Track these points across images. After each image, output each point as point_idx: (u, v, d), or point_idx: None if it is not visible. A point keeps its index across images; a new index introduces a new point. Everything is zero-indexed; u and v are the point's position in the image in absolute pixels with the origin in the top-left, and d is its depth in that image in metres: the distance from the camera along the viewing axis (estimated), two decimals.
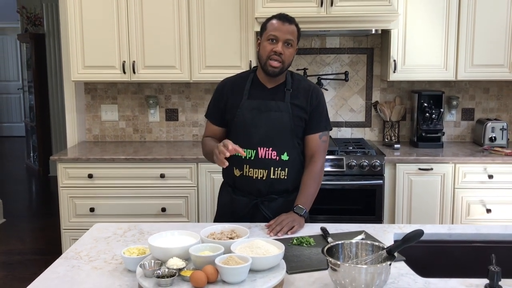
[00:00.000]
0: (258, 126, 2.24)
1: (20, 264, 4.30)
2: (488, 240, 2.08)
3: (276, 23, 2.20)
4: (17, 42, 9.28)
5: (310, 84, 2.36)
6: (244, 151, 2.16)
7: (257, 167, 2.24)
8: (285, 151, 2.25)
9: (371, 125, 4.08)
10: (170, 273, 1.53)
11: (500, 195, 3.45)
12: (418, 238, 1.54)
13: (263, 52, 2.23)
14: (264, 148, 2.24)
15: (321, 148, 2.33)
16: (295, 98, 2.27)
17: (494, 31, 3.59)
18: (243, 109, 2.27)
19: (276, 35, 2.19)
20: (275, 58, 2.19)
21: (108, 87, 4.11)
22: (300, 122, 2.28)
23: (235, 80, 2.37)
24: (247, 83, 2.31)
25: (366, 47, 4.00)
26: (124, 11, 3.66)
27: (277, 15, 2.25)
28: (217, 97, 2.38)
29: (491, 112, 4.03)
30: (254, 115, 2.25)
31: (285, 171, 2.26)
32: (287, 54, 2.21)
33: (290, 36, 2.20)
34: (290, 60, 2.24)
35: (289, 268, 1.70)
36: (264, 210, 2.27)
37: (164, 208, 3.52)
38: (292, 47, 2.22)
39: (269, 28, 2.22)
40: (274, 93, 2.28)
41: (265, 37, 2.22)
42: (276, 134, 2.24)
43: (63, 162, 3.54)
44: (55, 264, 1.80)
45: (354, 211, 3.48)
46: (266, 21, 2.26)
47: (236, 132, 2.29)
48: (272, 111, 2.25)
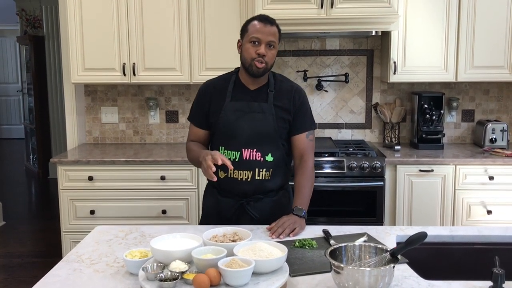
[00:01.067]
0: (242, 127, 2.25)
1: (20, 266, 4.29)
2: (490, 242, 2.07)
3: (258, 25, 2.21)
4: (16, 44, 9.27)
5: (292, 84, 2.37)
6: (228, 154, 2.23)
7: (242, 169, 2.25)
8: (269, 152, 2.26)
9: (372, 127, 4.08)
10: (173, 276, 1.53)
11: (500, 196, 3.45)
12: (421, 240, 1.54)
13: (246, 54, 2.23)
14: (249, 149, 2.25)
15: (309, 147, 2.34)
16: (278, 100, 2.29)
17: (494, 33, 3.59)
18: (226, 111, 2.27)
19: (259, 37, 2.19)
20: (259, 60, 2.20)
21: (108, 89, 4.11)
22: (284, 124, 2.29)
23: (217, 82, 2.37)
24: (230, 85, 2.32)
25: (366, 48, 4.00)
26: (124, 13, 3.65)
27: (257, 16, 2.26)
28: (199, 100, 2.38)
29: (491, 114, 4.03)
30: (238, 117, 2.26)
31: (269, 171, 2.27)
32: (270, 55, 2.22)
33: (272, 38, 2.21)
34: (272, 61, 2.26)
35: (292, 271, 1.69)
36: (251, 211, 2.28)
37: (165, 210, 3.52)
38: (274, 48, 2.24)
39: (250, 30, 2.22)
40: (257, 94, 2.30)
41: (247, 39, 2.23)
42: (260, 136, 2.25)
43: (63, 165, 3.54)
44: (57, 267, 1.79)
45: (355, 212, 3.47)
46: (246, 23, 2.27)
47: (220, 134, 2.30)
48: (255, 113, 2.26)
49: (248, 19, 2.29)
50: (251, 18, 2.28)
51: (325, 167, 3.42)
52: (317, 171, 3.42)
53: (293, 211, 2.19)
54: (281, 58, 4.02)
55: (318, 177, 3.41)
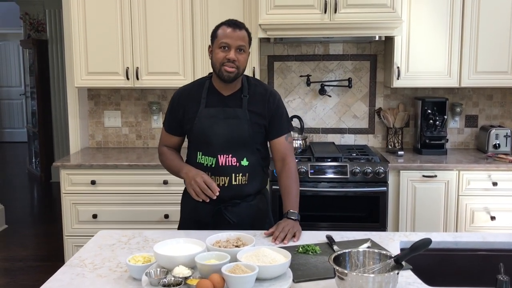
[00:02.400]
0: (217, 134, 2.25)
1: (22, 270, 4.28)
2: (494, 249, 2.06)
3: (226, 29, 2.21)
4: (19, 48, 9.28)
5: (266, 88, 2.37)
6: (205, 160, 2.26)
7: (218, 175, 2.26)
8: (244, 157, 2.27)
9: (375, 132, 4.07)
10: (176, 282, 1.52)
11: (504, 202, 3.43)
12: (426, 246, 1.53)
13: (216, 59, 2.23)
14: (224, 155, 2.25)
15: (289, 149, 2.36)
16: (252, 105, 2.29)
17: (497, 38, 3.59)
18: (201, 117, 2.27)
19: (228, 42, 2.19)
20: (229, 65, 2.19)
21: (111, 93, 4.11)
22: (259, 128, 2.30)
23: (191, 89, 2.36)
24: (203, 91, 2.31)
25: (369, 53, 4.00)
26: (128, 17, 3.66)
27: (226, 21, 2.25)
28: (174, 107, 2.37)
29: (494, 119, 4.02)
30: (212, 123, 2.26)
31: (245, 176, 2.28)
32: (240, 60, 2.21)
33: (241, 42, 2.20)
34: (244, 66, 2.25)
35: (296, 277, 1.68)
36: (228, 216, 2.28)
37: (167, 214, 3.51)
38: (245, 52, 2.23)
39: (220, 36, 2.22)
40: (231, 100, 2.29)
41: (216, 44, 2.23)
42: (235, 141, 2.25)
43: (66, 168, 3.54)
44: (60, 271, 1.79)
45: (358, 218, 3.46)
46: (215, 29, 2.27)
47: (195, 140, 2.30)
48: (230, 118, 2.26)
49: (217, 24, 2.28)
50: (220, 23, 2.27)
51: (328, 172, 3.42)
52: (320, 176, 3.42)
53: (287, 215, 2.19)
54: (284, 62, 4.02)
55: (320, 182, 3.41)
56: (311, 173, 3.40)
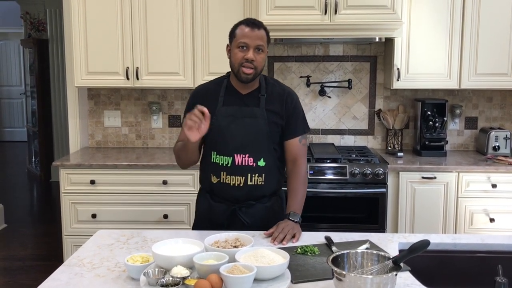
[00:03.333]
0: (233, 133, 2.24)
1: (21, 270, 4.28)
2: (493, 251, 2.06)
3: (245, 29, 2.19)
4: (20, 47, 9.29)
5: (284, 88, 2.35)
6: (220, 159, 2.23)
7: (234, 174, 2.24)
8: (261, 157, 2.25)
9: (374, 133, 4.07)
10: (174, 282, 1.52)
11: (503, 204, 3.43)
12: (424, 248, 1.53)
13: (234, 59, 2.22)
14: (241, 154, 2.23)
15: (302, 151, 2.34)
16: (270, 104, 2.27)
17: (497, 40, 3.59)
18: (218, 116, 2.25)
19: (246, 42, 2.17)
20: (248, 65, 2.18)
21: (111, 93, 4.11)
22: (276, 128, 2.28)
23: (209, 87, 2.36)
24: (221, 90, 2.30)
25: (369, 55, 4.00)
26: (128, 17, 3.66)
27: (244, 20, 2.25)
28: (191, 105, 2.28)
29: (494, 121, 4.02)
30: (230, 122, 2.25)
31: (262, 177, 2.25)
32: (258, 60, 2.19)
33: (260, 42, 2.19)
34: (262, 65, 2.23)
35: (294, 278, 1.68)
36: (242, 217, 2.27)
37: (166, 215, 3.51)
38: (263, 52, 2.21)
39: (238, 35, 2.20)
40: (248, 99, 2.28)
41: (235, 44, 2.21)
42: (252, 141, 2.24)
43: (65, 168, 3.54)
44: (58, 271, 1.79)
45: (357, 219, 3.46)
46: (234, 28, 2.25)
47: (212, 139, 2.28)
48: (247, 118, 2.25)
49: (235, 23, 2.27)
50: (239, 22, 2.26)
51: (327, 173, 3.42)
52: (319, 177, 3.42)
53: (288, 216, 2.17)
54: (284, 63, 4.02)
55: (320, 183, 3.41)
56: (311, 174, 3.40)
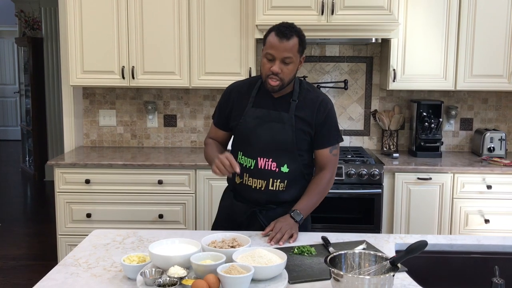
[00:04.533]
0: (259, 136, 2.21)
1: (15, 269, 4.26)
2: (489, 252, 2.07)
3: (273, 40, 2.11)
4: (14, 45, 9.26)
5: (318, 95, 2.27)
6: (244, 160, 2.21)
7: (256, 177, 2.22)
8: (285, 163, 2.21)
9: (370, 134, 4.07)
10: (171, 282, 1.52)
11: (498, 205, 3.45)
12: (422, 249, 1.53)
13: (262, 69, 2.18)
14: (264, 158, 2.21)
15: (331, 162, 2.28)
16: (300, 110, 2.21)
17: (493, 42, 3.60)
18: (246, 117, 2.24)
19: (273, 54, 2.11)
20: (273, 77, 2.13)
21: (107, 92, 4.10)
22: (303, 135, 2.22)
23: (242, 86, 2.33)
24: (254, 90, 2.27)
25: (365, 55, 4.00)
26: (124, 16, 3.65)
27: (276, 28, 2.15)
28: (223, 101, 2.35)
29: (489, 123, 4.03)
30: (257, 125, 2.22)
31: (284, 183, 2.22)
32: (286, 72, 2.13)
33: (287, 54, 2.11)
34: (290, 76, 2.16)
35: (291, 278, 1.68)
36: (262, 219, 2.24)
37: (162, 214, 3.50)
38: (292, 63, 2.14)
39: (267, 44, 2.14)
40: (279, 103, 2.23)
41: (264, 52, 2.16)
42: (276, 146, 2.20)
43: (60, 167, 3.52)
44: (53, 271, 1.78)
45: (353, 220, 3.46)
46: (267, 33, 2.18)
47: (239, 139, 2.29)
48: (274, 122, 2.21)
49: (270, 27, 2.18)
50: (272, 27, 2.17)
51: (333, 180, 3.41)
52: None
53: (291, 213, 2.15)
54: None
55: None
56: None
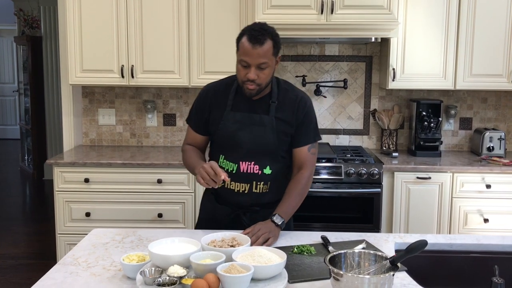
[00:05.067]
0: (240, 140, 2.17)
1: (14, 268, 4.25)
2: (488, 251, 2.07)
3: (246, 46, 2.05)
4: (13, 44, 9.24)
5: (297, 94, 2.24)
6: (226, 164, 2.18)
7: (238, 181, 2.19)
8: (267, 165, 2.19)
9: (369, 133, 4.07)
10: (171, 281, 1.51)
11: (497, 205, 3.45)
12: (422, 248, 1.53)
13: (238, 75, 2.13)
14: (246, 162, 2.17)
15: (310, 160, 2.25)
16: (280, 111, 2.18)
17: (493, 41, 3.60)
18: (226, 121, 2.19)
19: (247, 61, 2.06)
20: (250, 84, 2.09)
21: (106, 91, 4.09)
22: (285, 137, 2.20)
23: (218, 88, 2.26)
24: (231, 93, 2.21)
25: (365, 55, 4.00)
26: (124, 14, 3.64)
27: (248, 30, 2.08)
28: (200, 105, 2.27)
29: (489, 122, 4.03)
30: (237, 129, 2.17)
31: (267, 184, 2.21)
32: (262, 77, 2.09)
33: (262, 60, 2.05)
34: (267, 80, 2.12)
35: (291, 277, 1.68)
36: (246, 222, 2.22)
37: (161, 213, 3.50)
38: (268, 67, 2.09)
39: (240, 50, 2.09)
40: (258, 105, 2.19)
41: (238, 58, 2.11)
42: (258, 149, 2.17)
43: (59, 166, 3.51)
44: (53, 270, 1.78)
45: (352, 219, 3.46)
46: (239, 36, 2.11)
47: (219, 143, 2.24)
48: (255, 125, 2.17)
49: (242, 29, 2.14)
50: (244, 30, 2.12)
51: (322, 173, 3.42)
52: (314, 177, 3.37)
53: (272, 217, 2.09)
54: (280, 63, 4.00)
55: (315, 183, 3.40)
56: None
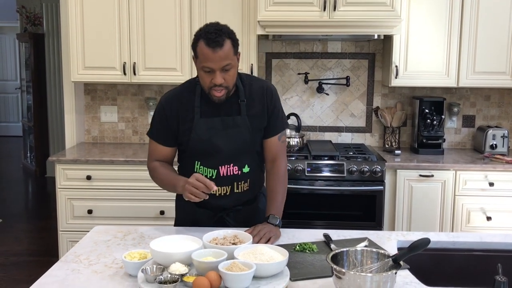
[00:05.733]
0: (217, 146, 2.10)
1: (16, 265, 4.26)
2: (491, 249, 2.06)
3: (206, 50, 1.94)
4: (16, 41, 9.24)
5: (261, 85, 2.18)
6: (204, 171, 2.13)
7: (220, 185, 2.13)
8: (245, 164, 2.16)
9: (372, 131, 4.06)
10: (173, 279, 1.51)
11: (500, 203, 3.43)
12: (424, 246, 1.52)
13: (202, 82, 2.03)
14: (226, 165, 2.13)
15: (282, 149, 2.23)
16: (251, 108, 2.13)
17: (496, 39, 3.58)
18: (197, 130, 2.09)
19: (211, 67, 1.96)
20: (218, 89, 2.00)
21: (108, 88, 4.09)
22: (259, 132, 2.17)
23: (181, 95, 2.13)
24: (196, 99, 2.10)
25: (368, 52, 3.99)
26: (126, 12, 3.63)
27: (203, 35, 1.96)
28: (166, 116, 2.13)
29: (492, 120, 4.02)
30: (211, 136, 2.09)
31: (247, 182, 2.19)
32: (228, 78, 2.01)
33: (225, 62, 1.96)
34: (234, 80, 2.05)
35: (293, 275, 1.67)
36: (230, 222, 2.21)
37: (163, 211, 3.49)
38: (233, 67, 2.01)
39: (200, 57, 1.98)
40: (228, 106, 2.11)
41: (199, 65, 2.00)
42: (236, 151, 2.13)
43: (61, 163, 3.51)
44: (54, 267, 1.77)
45: (354, 217, 3.46)
46: (195, 42, 2.00)
47: (192, 152, 2.14)
48: (229, 128, 2.11)
49: (195, 33, 2.01)
50: (197, 35, 1.99)
51: (324, 171, 3.41)
52: (316, 174, 3.41)
53: (268, 219, 2.08)
54: (282, 60, 4.00)
55: (317, 180, 3.40)
56: (308, 171, 3.39)
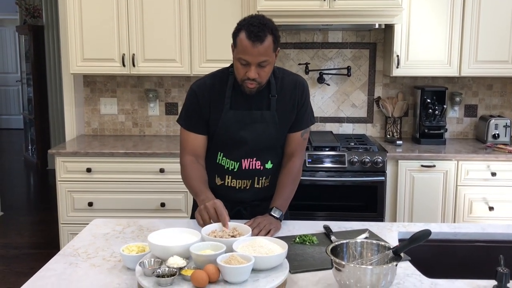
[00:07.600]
0: (243, 139, 2.10)
1: (17, 258, 4.26)
2: (494, 240, 2.04)
3: (245, 42, 1.95)
4: (15, 34, 9.20)
5: (294, 79, 2.18)
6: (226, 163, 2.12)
7: (240, 178, 2.15)
8: (269, 160, 2.16)
9: (373, 121, 4.04)
10: (171, 272, 1.49)
11: (503, 193, 3.42)
12: (425, 238, 1.51)
13: (237, 72, 2.03)
14: (248, 159, 2.13)
15: (301, 146, 2.21)
16: (281, 103, 2.12)
17: (498, 27, 3.55)
18: (225, 121, 2.10)
19: (247, 60, 1.96)
20: (250, 82, 2.00)
21: (108, 80, 4.07)
22: (286, 128, 2.16)
23: (213, 84, 2.13)
24: (228, 89, 2.10)
25: (369, 42, 3.95)
26: (124, 2, 3.60)
27: (246, 27, 1.97)
28: (197, 104, 2.12)
29: (494, 109, 3.99)
30: (239, 128, 2.10)
31: (268, 178, 2.18)
32: (263, 74, 2.01)
33: (262, 58, 1.96)
34: (267, 76, 2.05)
35: (292, 268, 1.66)
36: (246, 216, 2.19)
37: (164, 203, 3.49)
38: (269, 63, 2.01)
39: (239, 48, 1.98)
40: (258, 100, 2.10)
41: (236, 55, 2.00)
42: (261, 146, 2.13)
43: (61, 156, 3.50)
44: (52, 261, 1.76)
45: (355, 207, 3.44)
46: (236, 31, 2.01)
47: (217, 143, 2.15)
48: (257, 123, 2.10)
49: (239, 23, 2.03)
50: (241, 25, 2.01)
51: (326, 162, 3.39)
52: (317, 165, 3.39)
53: (270, 211, 2.06)
54: (282, 50, 3.97)
55: (318, 171, 3.38)
56: (309, 162, 3.37)
